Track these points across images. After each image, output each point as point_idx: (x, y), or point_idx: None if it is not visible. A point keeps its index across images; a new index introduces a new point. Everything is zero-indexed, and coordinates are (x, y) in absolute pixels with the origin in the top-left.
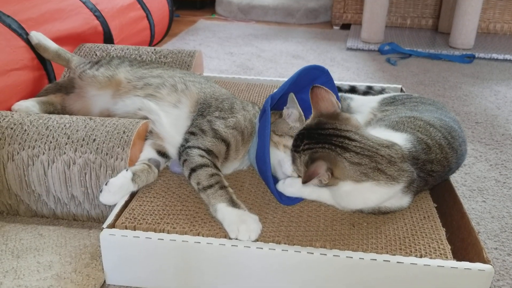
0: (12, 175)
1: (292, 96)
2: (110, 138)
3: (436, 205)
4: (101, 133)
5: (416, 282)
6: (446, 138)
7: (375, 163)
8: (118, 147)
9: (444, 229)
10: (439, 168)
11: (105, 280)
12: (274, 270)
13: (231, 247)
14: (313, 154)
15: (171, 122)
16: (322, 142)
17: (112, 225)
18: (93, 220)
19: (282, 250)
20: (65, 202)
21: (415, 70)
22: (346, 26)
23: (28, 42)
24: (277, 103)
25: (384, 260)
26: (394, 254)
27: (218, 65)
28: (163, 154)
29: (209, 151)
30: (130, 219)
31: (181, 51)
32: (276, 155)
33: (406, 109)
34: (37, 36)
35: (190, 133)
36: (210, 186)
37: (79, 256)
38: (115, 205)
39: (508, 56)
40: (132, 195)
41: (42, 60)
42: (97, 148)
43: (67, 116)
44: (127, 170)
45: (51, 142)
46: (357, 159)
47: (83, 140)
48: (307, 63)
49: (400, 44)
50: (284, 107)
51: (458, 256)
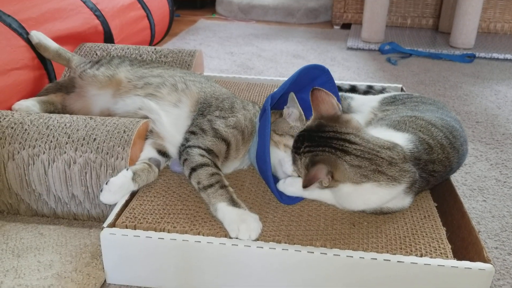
0: (13, 175)
1: (292, 96)
2: (111, 137)
3: (436, 205)
4: (102, 133)
5: (417, 281)
6: (448, 138)
7: (375, 165)
8: (119, 147)
9: (445, 228)
10: (440, 168)
11: (105, 279)
12: (274, 269)
13: (231, 246)
14: (314, 157)
15: (172, 122)
16: (323, 145)
17: (113, 224)
18: (94, 220)
19: (283, 249)
20: (65, 202)
21: (415, 70)
22: (346, 26)
23: (28, 41)
24: (277, 102)
25: (385, 260)
26: (395, 254)
27: (219, 64)
28: (163, 153)
29: (209, 151)
30: (131, 218)
31: (182, 51)
32: (277, 154)
33: (407, 108)
34: (37, 35)
35: (191, 132)
36: (211, 186)
37: (80, 255)
38: (115, 204)
39: (508, 56)
40: (133, 195)
41: (43, 59)
42: (98, 147)
43: (68, 115)
44: (127, 170)
45: (51, 142)
46: (357, 162)
47: (84, 139)
48: (308, 62)
49: (400, 43)
50: (285, 107)
51: (459, 255)
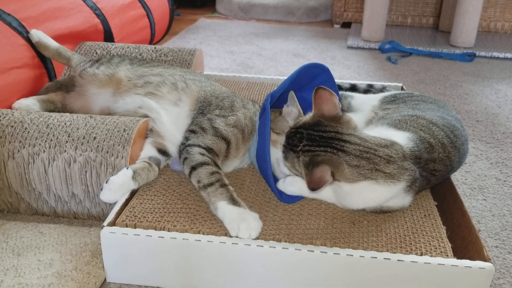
0: (13, 173)
1: (292, 94)
2: (111, 136)
3: (436, 203)
4: (102, 131)
5: (417, 280)
6: (449, 137)
7: (373, 164)
8: (119, 145)
9: (445, 227)
10: (441, 167)
11: (105, 278)
12: (274, 268)
13: (231, 245)
14: (316, 157)
15: (172, 120)
16: (324, 145)
17: (113, 223)
18: (94, 218)
19: (283, 248)
20: (65, 200)
21: (415, 69)
22: (346, 25)
23: (28, 40)
24: (277, 101)
25: (385, 258)
26: (395, 252)
27: (219, 63)
28: (163, 152)
29: (209, 149)
30: (131, 217)
31: (182, 50)
32: (275, 153)
33: (408, 107)
34: (37, 34)
35: (191, 131)
36: (211, 184)
37: (80, 254)
38: (115, 203)
39: (508, 55)
40: (133, 193)
41: (43, 58)
42: (98, 146)
43: (68, 114)
44: (127, 168)
45: (51, 140)
46: (356, 162)
47: (84, 138)
48: (308, 61)
49: (400, 42)
50: (284, 105)
51: (459, 254)
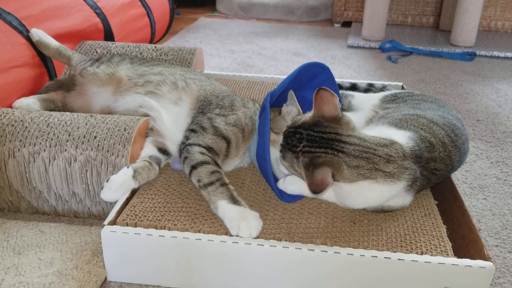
0: (13, 172)
1: (291, 94)
2: (111, 135)
3: (437, 203)
4: (102, 130)
5: (417, 279)
6: (450, 136)
7: (372, 163)
8: (119, 144)
9: (445, 226)
10: (442, 166)
11: (106, 277)
12: (275, 267)
13: (232, 244)
14: (316, 159)
15: (172, 120)
16: (324, 146)
17: (113, 222)
18: (94, 217)
19: (283, 247)
20: (66, 199)
21: (416, 68)
22: (347, 24)
23: (28, 39)
24: (277, 100)
25: (385, 257)
26: (395, 251)
27: (219, 62)
28: (164, 151)
29: (209, 148)
30: (131, 216)
31: (182, 49)
32: (274, 152)
33: (409, 107)
34: (38, 33)
35: (191, 130)
36: (211, 183)
37: (80, 253)
38: (116, 202)
39: (509, 54)
40: (133, 192)
41: (43, 57)
42: (98, 145)
43: (68, 113)
44: (128, 167)
45: (52, 139)
46: (355, 162)
47: (84, 137)
48: (308, 60)
49: (401, 41)
50: (284, 104)
51: (459, 253)
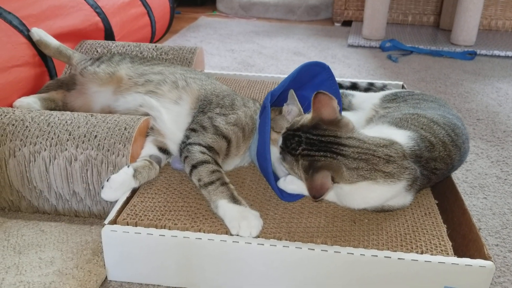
0: (14, 172)
1: (292, 93)
2: (112, 134)
3: (437, 202)
4: (103, 130)
5: (417, 278)
6: (450, 136)
7: (372, 165)
8: (120, 144)
9: (445, 225)
10: (442, 165)
11: (106, 276)
12: (275, 266)
13: (232, 243)
14: (315, 162)
15: (172, 119)
16: (323, 150)
17: (114, 221)
18: (95, 216)
19: (283, 246)
20: (66, 199)
21: (416, 67)
22: (347, 23)
23: (29, 38)
24: (277, 99)
25: (385, 257)
26: (395, 251)
27: (219, 62)
28: (164, 150)
29: (210, 148)
30: (132, 215)
31: (182, 48)
32: (275, 152)
33: (409, 106)
34: (38, 32)
35: (191, 129)
36: (211, 183)
37: (81, 252)
38: (116, 201)
39: (509, 53)
40: (134, 192)
41: (43, 56)
42: (99, 144)
43: (69, 112)
44: (128, 167)
45: (52, 139)
46: (354, 164)
47: (85, 136)
48: (308, 60)
49: (401, 41)
50: (284, 104)
51: (459, 252)
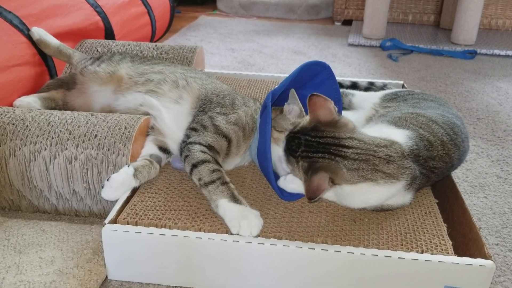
0: (14, 171)
1: (293, 92)
2: (112, 133)
3: (437, 201)
4: (103, 129)
5: (417, 277)
6: (449, 135)
7: (373, 165)
8: (120, 143)
9: (446, 224)
10: (441, 164)
11: (107, 276)
12: (275, 265)
13: (232, 243)
14: (314, 164)
15: (173, 118)
16: (322, 151)
17: (114, 221)
18: (95, 216)
19: (284, 245)
20: (67, 198)
21: (416, 66)
22: (347, 22)
23: (29, 38)
24: (278, 99)
25: (386, 256)
26: (396, 250)
27: (220, 61)
28: (164, 149)
29: (210, 147)
30: (132, 214)
31: (183, 47)
32: (277, 151)
33: (409, 105)
34: (38, 31)
35: (192, 129)
36: (212, 182)
37: (81, 251)
38: (116, 200)
39: (510, 52)
40: (134, 191)
41: (44, 56)
42: (99, 143)
43: (69, 112)
44: (128, 166)
45: (52, 138)
46: (355, 165)
47: (85, 136)
48: (309, 59)
49: (401, 40)
50: (285, 103)
51: (459, 251)
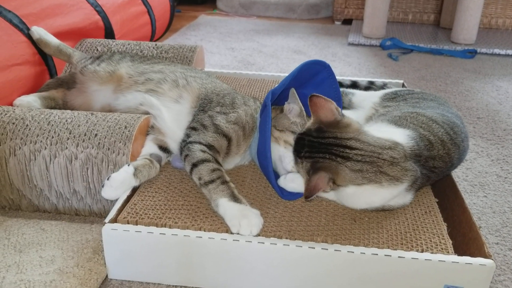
0: (14, 170)
1: (293, 91)
2: (112, 133)
3: (437, 200)
4: (103, 128)
5: (418, 276)
6: (449, 134)
7: (377, 167)
8: (120, 142)
9: (446, 224)
10: (441, 164)
11: (107, 275)
12: (275, 264)
13: (232, 242)
14: (314, 164)
15: (173, 117)
16: (323, 151)
17: (114, 220)
18: (95, 215)
19: (284, 244)
20: (67, 197)
21: (416, 66)
22: (347, 21)
23: (29, 37)
24: (278, 98)
25: (386, 255)
26: (396, 249)
27: (220, 60)
28: (164, 149)
29: (210, 146)
30: (132, 213)
31: (182, 46)
32: (277, 150)
33: (409, 105)
34: (38, 31)
35: (192, 128)
36: (212, 181)
37: (81, 250)
38: (117, 200)
39: (510, 51)
40: (134, 190)
41: (44, 55)
42: (99, 143)
43: (69, 111)
44: (129, 165)
45: (52, 137)
46: (358, 167)
47: (85, 135)
48: (309, 58)
49: (401, 39)
50: (285, 102)
51: (459, 251)
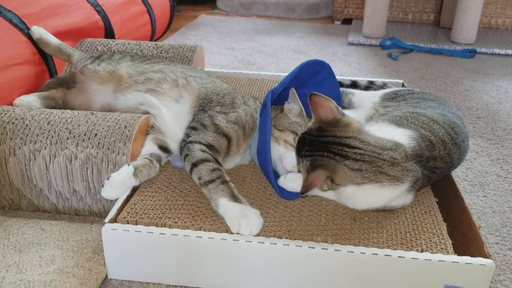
0: (14, 170)
1: (293, 91)
2: (112, 132)
3: (437, 200)
4: (103, 128)
5: (417, 276)
6: (449, 134)
7: (377, 167)
8: (120, 142)
9: (445, 223)
10: (442, 164)
11: (107, 275)
12: (275, 264)
13: (232, 242)
14: (313, 162)
15: (173, 117)
16: (322, 150)
17: (114, 220)
18: (95, 215)
19: (284, 244)
20: (67, 197)
21: (416, 65)
22: (347, 21)
23: (29, 37)
24: (278, 98)
25: (386, 255)
26: (395, 249)
27: (219, 60)
28: (164, 148)
29: (210, 146)
30: (132, 213)
31: (182, 46)
32: (277, 150)
33: (409, 105)
34: (38, 31)
35: (192, 128)
36: (212, 181)
37: (81, 250)
38: (117, 199)
39: (510, 51)
40: (134, 190)
41: (44, 55)
42: (99, 143)
43: (69, 111)
44: (128, 165)
45: (52, 137)
46: (357, 166)
47: (85, 135)
48: (309, 58)
49: (401, 39)
50: (285, 102)
51: (459, 250)
